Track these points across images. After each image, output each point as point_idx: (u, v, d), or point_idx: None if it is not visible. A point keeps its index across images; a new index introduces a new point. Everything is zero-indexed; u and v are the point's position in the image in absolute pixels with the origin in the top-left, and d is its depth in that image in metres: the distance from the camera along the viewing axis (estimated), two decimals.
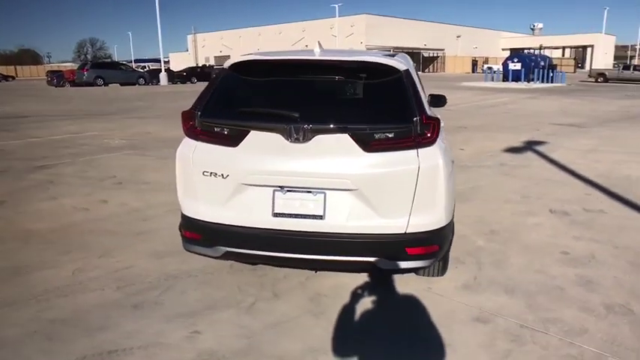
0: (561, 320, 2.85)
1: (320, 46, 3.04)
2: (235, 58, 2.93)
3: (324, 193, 2.63)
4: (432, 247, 2.70)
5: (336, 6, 52.67)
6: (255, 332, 2.75)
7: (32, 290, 3.27)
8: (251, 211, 2.72)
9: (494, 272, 3.51)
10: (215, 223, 2.79)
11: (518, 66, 31.57)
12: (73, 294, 3.23)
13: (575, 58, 60.32)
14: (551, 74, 31.92)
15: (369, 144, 2.57)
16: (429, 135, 2.59)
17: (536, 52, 38.10)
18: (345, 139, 2.57)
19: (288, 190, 2.66)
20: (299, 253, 2.70)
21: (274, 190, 2.68)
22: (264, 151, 2.64)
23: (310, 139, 2.56)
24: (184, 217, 2.95)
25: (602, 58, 68.35)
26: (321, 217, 2.63)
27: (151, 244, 4.12)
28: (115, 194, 5.74)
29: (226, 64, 2.96)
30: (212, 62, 68.36)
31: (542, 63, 32.66)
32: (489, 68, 41.56)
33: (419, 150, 2.58)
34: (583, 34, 66.21)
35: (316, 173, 2.60)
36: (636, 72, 35.22)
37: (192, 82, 38.40)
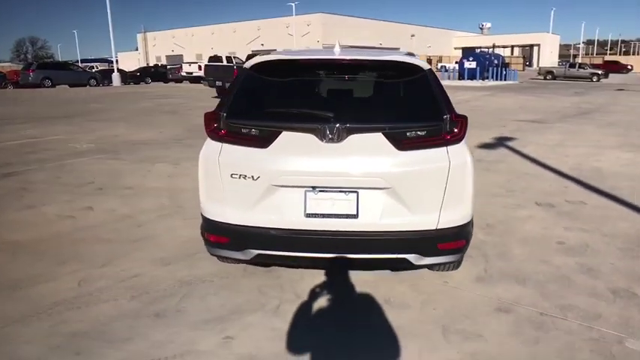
0: (576, 306, 3.01)
1: (338, 45, 3.05)
2: (257, 58, 2.90)
3: (357, 193, 2.65)
4: (460, 242, 2.79)
5: (293, 4, 52.61)
6: (289, 335, 2.74)
7: (38, 304, 3.11)
8: (282, 213, 2.70)
9: (502, 264, 3.65)
10: (245, 226, 2.76)
11: (473, 64, 32.70)
12: (86, 306, 3.09)
13: (524, 57, 63.14)
14: (505, 72, 33.29)
15: (401, 142, 2.61)
16: (457, 132, 2.67)
17: (489, 50, 39.53)
18: (378, 138, 2.60)
19: (320, 191, 2.67)
20: (332, 253, 2.71)
21: (306, 191, 2.68)
22: (297, 152, 2.63)
23: (344, 139, 2.58)
24: (208, 221, 2.89)
25: (549, 57, 71.96)
26: (354, 217, 2.66)
27: (152, 250, 4.00)
28: (99, 200, 5.51)
29: (247, 65, 2.93)
30: (164, 62, 66.48)
31: (495, 61, 33.98)
32: (444, 67, 42.78)
33: (448, 147, 2.66)
34: (530, 33, 69.50)
35: (349, 173, 2.62)
36: (581, 70, 37.35)
37: (146, 83, 37.18)
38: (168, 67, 41.14)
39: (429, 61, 69.62)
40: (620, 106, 16.64)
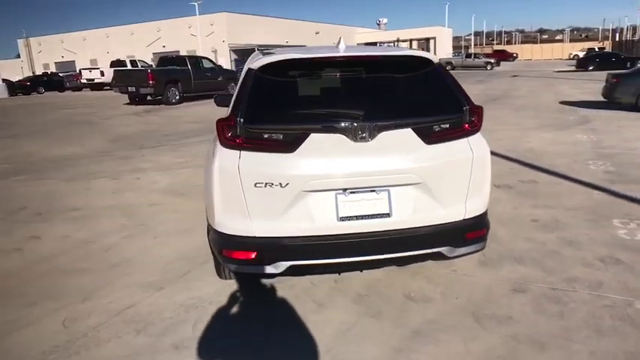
0: (578, 278, 3.24)
1: (342, 42, 2.96)
2: (266, 59, 2.71)
3: (388, 191, 2.61)
4: (483, 230, 2.86)
5: (196, 4, 50.73)
6: (331, 345, 2.63)
7: (26, 356, 2.68)
8: (314, 219, 2.58)
9: (495, 246, 3.82)
10: (274, 237, 2.59)
11: None
12: (86, 350, 2.72)
13: (422, 49, 66.85)
14: None
15: (429, 136, 2.61)
16: (476, 122, 2.73)
17: (394, 45, 41.34)
18: (408, 133, 2.58)
19: (351, 192, 2.58)
20: (368, 255, 2.64)
21: (336, 194, 2.58)
22: (327, 154, 2.52)
23: (375, 137, 2.52)
24: (228, 237, 2.67)
25: (443, 49, 77.05)
26: (388, 215, 2.61)
27: (136, 276, 3.63)
28: (43, 227, 4.89)
29: (254, 65, 2.73)
30: (53, 69, 60.84)
31: None
32: None
33: (469, 138, 2.71)
34: (426, 27, 73.77)
35: (381, 171, 2.56)
36: (476, 59, 40.53)
37: (39, 93, 33.68)
38: (61, 74, 37.71)
39: None
40: (521, 91, 18.29)
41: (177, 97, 18.44)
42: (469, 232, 2.77)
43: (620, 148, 7.39)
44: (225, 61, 52.50)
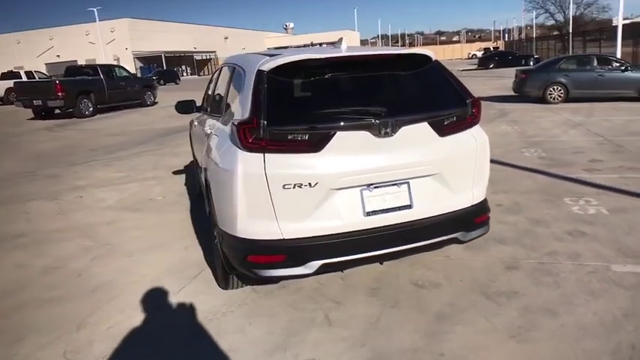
0: (557, 251, 3.61)
1: (344, 43, 3.02)
2: (278, 60, 2.69)
3: (408, 183, 2.72)
4: (487, 214, 3.08)
5: (95, 10, 47.41)
6: (364, 339, 2.68)
7: None
8: (342, 216, 2.62)
9: None
10: (304, 238, 2.59)
11: None
12: None
13: None
14: None
15: (441, 129, 2.78)
16: (476, 114, 2.94)
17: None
18: (424, 127, 2.72)
19: (374, 187, 2.66)
20: (394, 247, 2.73)
21: (361, 190, 2.64)
22: (353, 151, 2.58)
23: (396, 132, 2.62)
24: (254, 242, 2.62)
25: None
26: (409, 207, 2.72)
27: (125, 297, 3.39)
28: None
29: (265, 67, 2.69)
30: None
31: None
32: None
33: (472, 129, 2.92)
34: (335, 31, 75.87)
35: (403, 164, 2.68)
36: None
37: None
38: None
39: None
40: None
41: (91, 109, 17.18)
42: (477, 217, 2.98)
43: (543, 136, 8.24)
44: (130, 70, 49.81)
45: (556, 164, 6.21)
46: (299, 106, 2.72)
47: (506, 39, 78.99)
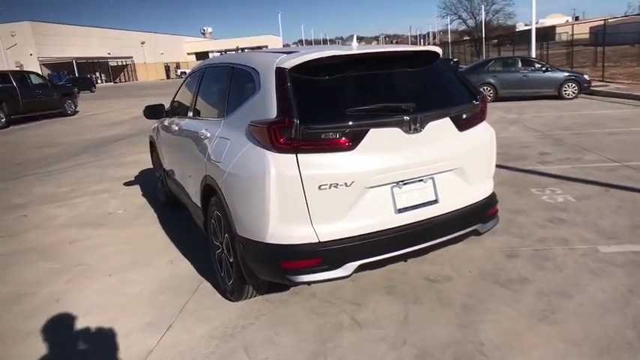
0: (546, 238, 3.84)
1: (355, 40, 2.98)
2: (301, 57, 2.59)
3: (433, 178, 2.76)
4: (496, 206, 3.20)
5: None
6: (402, 336, 2.67)
7: None
8: (375, 214, 2.59)
9: None
10: (339, 240, 2.52)
11: None
12: None
13: None
14: None
15: (460, 124, 2.85)
16: (484, 109, 3.05)
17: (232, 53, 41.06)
18: (447, 122, 2.78)
19: (404, 184, 2.67)
20: (424, 242, 2.74)
21: (392, 187, 2.64)
22: (385, 148, 2.57)
23: (424, 128, 2.65)
24: (286, 248, 2.51)
25: None
26: (435, 202, 2.76)
27: (123, 320, 3.10)
28: None
29: (286, 65, 2.59)
30: None
31: None
32: (184, 73, 42.55)
33: (483, 123, 3.03)
34: (258, 36, 75.34)
35: (430, 160, 2.72)
36: None
37: None
38: None
39: (167, 67, 68.20)
40: None
41: (3, 121, 15.62)
42: (490, 209, 3.09)
43: None
44: None
45: (512, 158, 6.63)
46: (329, 103, 2.65)
47: (423, 43, 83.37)
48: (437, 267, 3.49)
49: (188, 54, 78.73)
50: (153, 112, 4.74)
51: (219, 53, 39.94)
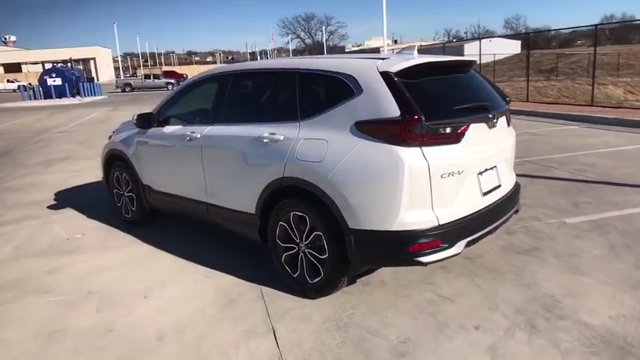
0: (521, 217, 4.73)
1: (416, 50, 3.38)
2: (403, 64, 2.95)
3: (496, 167, 3.35)
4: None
5: None
6: (494, 304, 3.15)
7: None
8: (470, 198, 3.08)
9: None
10: (452, 222, 2.93)
11: (58, 81, 29.90)
12: None
13: (85, 70, 61.44)
14: (93, 87, 32.43)
15: (508, 120, 3.56)
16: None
17: (68, 65, 36.67)
18: (503, 119, 3.45)
19: (485, 171, 3.21)
20: (498, 220, 3.31)
21: (478, 174, 3.15)
22: (479, 140, 3.09)
23: (497, 124, 3.27)
24: (414, 233, 2.83)
25: (105, 70, 72.73)
26: (500, 186, 3.36)
27: (212, 336, 2.96)
28: None
29: (393, 69, 2.91)
30: None
31: (80, 77, 32.45)
32: (23, 86, 36.90)
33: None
34: (83, 47, 67.69)
35: (498, 150, 3.35)
36: (157, 80, 40.87)
37: None
38: None
39: None
40: None
41: None
42: (518, 194, 3.81)
43: None
44: None
45: None
46: (437, 102, 3.07)
47: (258, 58, 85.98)
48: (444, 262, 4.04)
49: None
50: (144, 120, 4.44)
51: (50, 65, 35.27)
